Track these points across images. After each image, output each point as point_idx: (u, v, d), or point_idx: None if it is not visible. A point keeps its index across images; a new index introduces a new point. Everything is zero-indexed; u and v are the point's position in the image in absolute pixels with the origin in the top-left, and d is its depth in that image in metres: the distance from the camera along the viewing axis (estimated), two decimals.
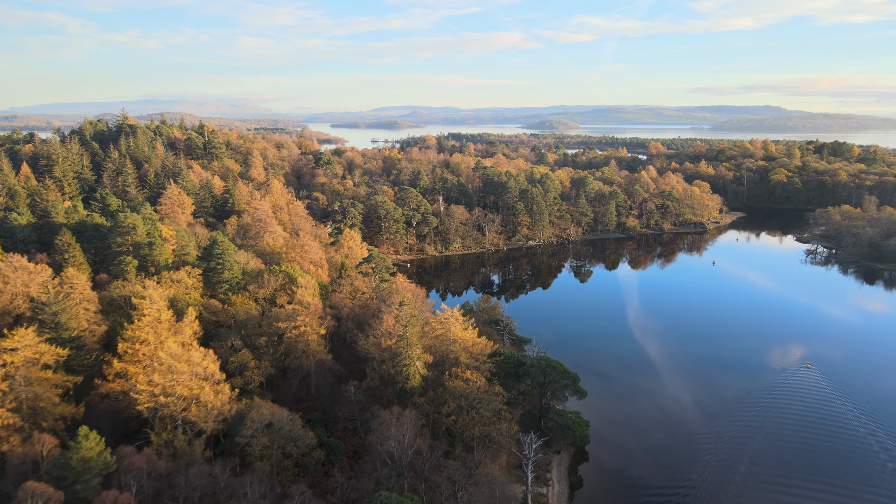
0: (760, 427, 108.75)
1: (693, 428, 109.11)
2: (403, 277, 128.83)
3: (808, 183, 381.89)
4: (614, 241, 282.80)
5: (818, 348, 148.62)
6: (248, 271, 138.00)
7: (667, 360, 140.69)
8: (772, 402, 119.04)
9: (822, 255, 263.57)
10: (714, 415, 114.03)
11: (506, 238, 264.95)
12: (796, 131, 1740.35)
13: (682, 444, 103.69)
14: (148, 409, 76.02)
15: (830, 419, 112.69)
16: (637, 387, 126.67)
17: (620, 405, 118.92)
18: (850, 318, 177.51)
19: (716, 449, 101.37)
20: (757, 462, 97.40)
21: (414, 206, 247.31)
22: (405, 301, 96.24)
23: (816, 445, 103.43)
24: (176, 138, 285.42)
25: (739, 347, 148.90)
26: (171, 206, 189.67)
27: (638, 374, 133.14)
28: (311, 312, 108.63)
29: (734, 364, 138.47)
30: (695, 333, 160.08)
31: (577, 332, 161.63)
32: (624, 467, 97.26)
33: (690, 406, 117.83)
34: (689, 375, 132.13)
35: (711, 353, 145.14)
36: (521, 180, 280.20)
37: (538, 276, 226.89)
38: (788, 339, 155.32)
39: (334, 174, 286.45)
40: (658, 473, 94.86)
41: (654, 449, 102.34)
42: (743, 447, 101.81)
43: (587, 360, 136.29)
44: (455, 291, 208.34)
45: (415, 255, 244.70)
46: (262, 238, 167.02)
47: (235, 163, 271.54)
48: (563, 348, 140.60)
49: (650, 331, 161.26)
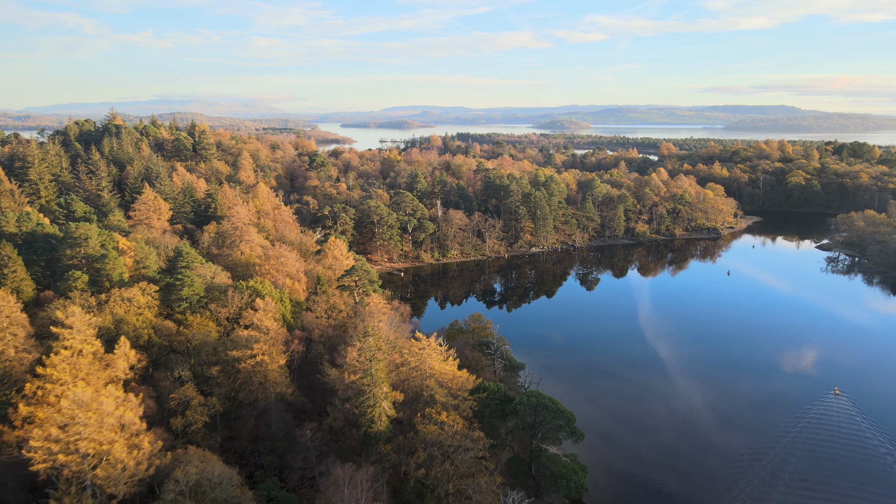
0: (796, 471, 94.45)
1: (713, 467, 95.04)
2: (379, 297, 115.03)
3: (828, 186, 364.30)
4: (622, 247, 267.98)
5: (842, 368, 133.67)
6: (215, 286, 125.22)
7: (681, 383, 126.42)
8: (804, 442, 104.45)
9: (845, 263, 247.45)
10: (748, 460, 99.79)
11: (507, 244, 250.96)
12: (811, 131, 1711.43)
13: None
14: (46, 470, 63.00)
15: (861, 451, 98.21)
16: (648, 407, 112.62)
17: (623, 438, 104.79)
18: (875, 329, 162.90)
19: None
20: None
21: (410, 211, 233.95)
22: (370, 331, 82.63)
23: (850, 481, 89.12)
24: (164, 139, 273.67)
25: (768, 372, 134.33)
26: (146, 212, 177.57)
27: (647, 389, 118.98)
28: (272, 339, 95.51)
29: (765, 389, 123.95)
30: (713, 352, 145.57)
31: (579, 344, 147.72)
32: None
33: (710, 445, 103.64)
34: (711, 406, 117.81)
35: (736, 378, 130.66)
36: (524, 183, 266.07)
37: (541, 284, 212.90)
38: (815, 365, 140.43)
39: (328, 176, 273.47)
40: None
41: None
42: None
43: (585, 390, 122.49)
44: (454, 300, 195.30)
45: (410, 262, 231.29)
46: (238, 247, 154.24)
47: (225, 165, 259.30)
48: (564, 365, 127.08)
49: (659, 359, 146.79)
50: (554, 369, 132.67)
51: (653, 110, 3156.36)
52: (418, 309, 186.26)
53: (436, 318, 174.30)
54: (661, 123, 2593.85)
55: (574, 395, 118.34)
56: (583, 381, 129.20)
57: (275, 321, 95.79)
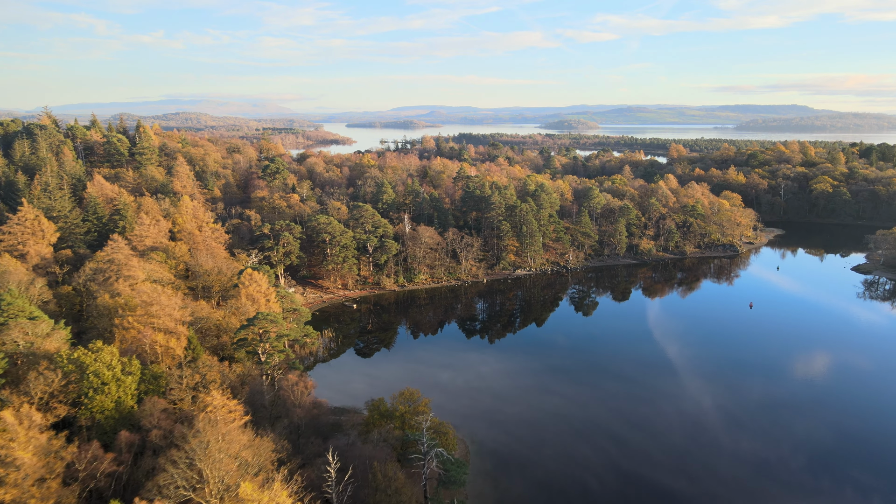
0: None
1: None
2: (223, 397, 76.36)
3: (858, 193, 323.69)
4: (624, 268, 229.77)
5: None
6: (36, 354, 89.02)
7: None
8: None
9: (886, 287, 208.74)
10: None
11: (487, 266, 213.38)
12: (825, 131, 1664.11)
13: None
14: None
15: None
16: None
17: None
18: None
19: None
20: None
21: (370, 228, 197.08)
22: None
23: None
24: (94, 142, 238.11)
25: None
26: (21, 235, 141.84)
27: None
28: (28, 475, 58.96)
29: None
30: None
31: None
32: None
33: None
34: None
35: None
36: (509, 193, 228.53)
37: (527, 312, 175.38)
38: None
39: (283, 185, 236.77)
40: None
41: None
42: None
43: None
44: (426, 329, 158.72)
45: (369, 289, 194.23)
46: (114, 286, 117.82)
47: (161, 171, 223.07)
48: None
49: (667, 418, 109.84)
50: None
51: (663, 110, 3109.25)
52: (367, 353, 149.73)
53: (383, 370, 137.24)
54: (671, 123, 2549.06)
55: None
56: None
57: (27, 450, 58.92)
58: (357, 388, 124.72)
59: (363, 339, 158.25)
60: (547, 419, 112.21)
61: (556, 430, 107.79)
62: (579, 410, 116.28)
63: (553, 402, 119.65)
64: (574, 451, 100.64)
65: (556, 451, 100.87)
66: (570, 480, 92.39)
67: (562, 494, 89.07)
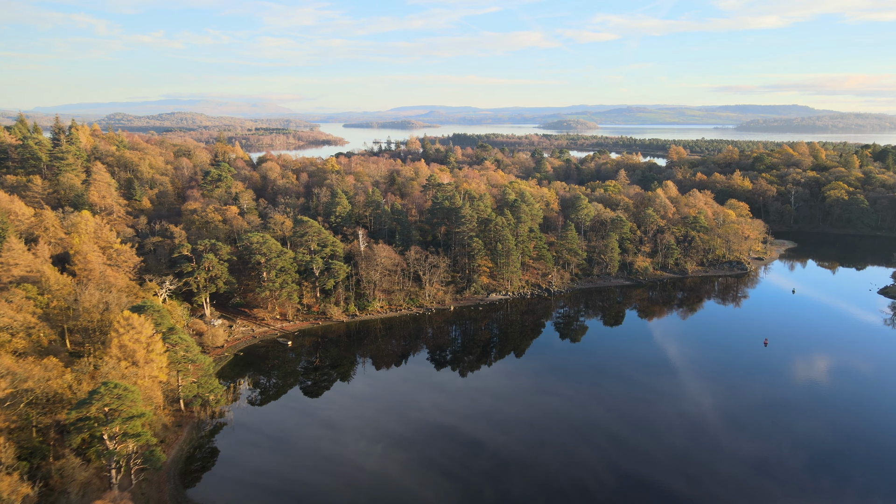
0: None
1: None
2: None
3: (877, 201, 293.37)
4: (616, 289, 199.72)
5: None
6: None
7: None
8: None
9: None
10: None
11: (456, 290, 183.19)
12: (826, 131, 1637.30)
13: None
14: None
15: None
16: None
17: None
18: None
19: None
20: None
21: (315, 247, 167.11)
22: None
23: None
24: (8, 145, 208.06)
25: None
26: None
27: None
28: None
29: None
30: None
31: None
32: None
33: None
34: None
35: None
36: (483, 205, 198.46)
37: (504, 343, 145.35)
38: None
39: (227, 193, 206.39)
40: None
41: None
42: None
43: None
44: (378, 368, 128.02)
45: (313, 320, 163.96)
46: None
47: (79, 180, 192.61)
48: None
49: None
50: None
51: (662, 110, 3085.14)
52: (277, 422, 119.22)
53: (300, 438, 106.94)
54: (671, 124, 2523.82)
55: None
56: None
57: None
58: (272, 462, 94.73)
59: (303, 379, 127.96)
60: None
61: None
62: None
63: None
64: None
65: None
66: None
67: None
